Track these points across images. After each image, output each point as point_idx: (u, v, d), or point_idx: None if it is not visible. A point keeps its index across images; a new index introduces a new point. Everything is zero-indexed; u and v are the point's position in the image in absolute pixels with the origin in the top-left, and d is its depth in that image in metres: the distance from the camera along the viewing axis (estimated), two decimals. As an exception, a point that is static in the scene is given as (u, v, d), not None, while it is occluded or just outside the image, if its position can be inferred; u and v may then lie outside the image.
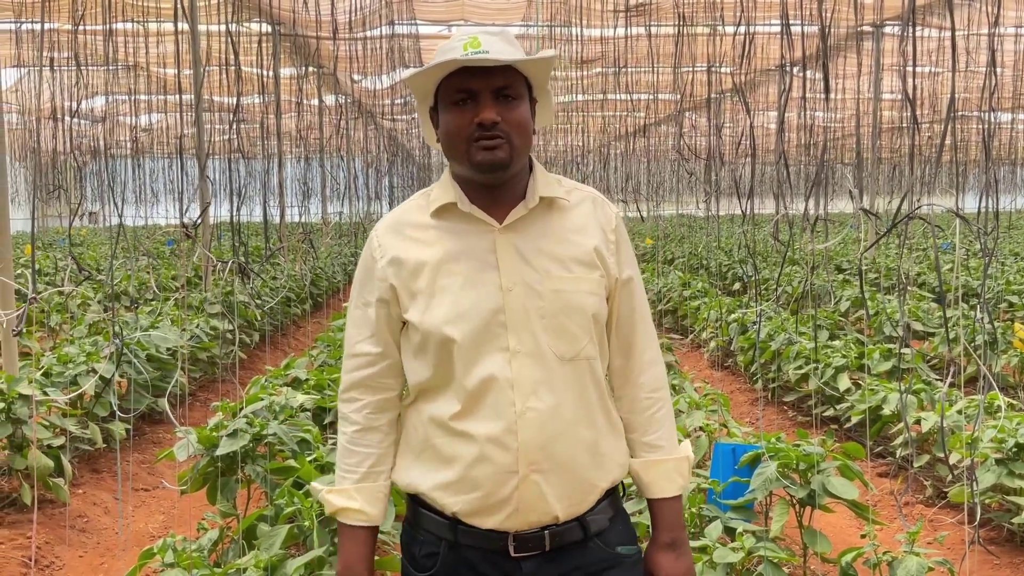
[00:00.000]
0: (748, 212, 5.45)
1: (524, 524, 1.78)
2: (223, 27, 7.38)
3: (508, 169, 1.79)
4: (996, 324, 7.14)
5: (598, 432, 1.83)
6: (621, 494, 1.94)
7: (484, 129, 1.75)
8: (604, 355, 1.87)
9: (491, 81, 1.76)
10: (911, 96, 3.07)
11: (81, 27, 6.78)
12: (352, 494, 1.88)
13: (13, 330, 3.86)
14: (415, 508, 1.87)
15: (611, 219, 1.89)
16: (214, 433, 3.67)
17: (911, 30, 3.07)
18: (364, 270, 1.89)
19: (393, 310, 1.85)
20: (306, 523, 2.97)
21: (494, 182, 1.82)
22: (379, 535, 3.07)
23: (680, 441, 1.97)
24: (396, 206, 2.00)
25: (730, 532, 3.13)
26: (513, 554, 1.78)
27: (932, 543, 3.13)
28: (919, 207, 3.30)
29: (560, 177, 1.93)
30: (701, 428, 4.34)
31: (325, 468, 3.42)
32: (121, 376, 5.70)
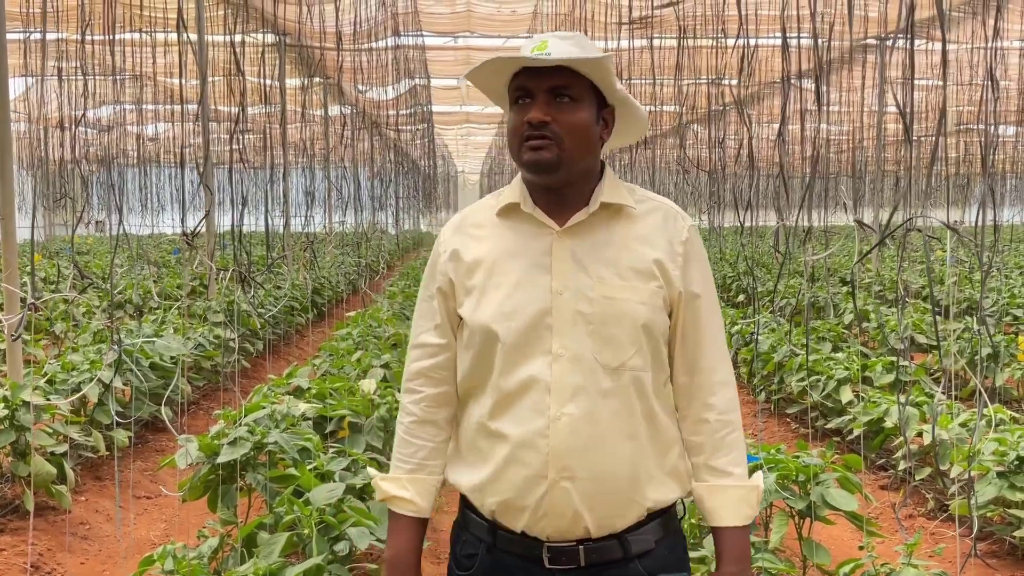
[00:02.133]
0: (752, 224, 5.48)
1: (555, 531, 1.76)
2: (229, 38, 7.42)
3: (557, 171, 1.78)
4: (1000, 337, 7.13)
5: (641, 447, 1.78)
6: (680, 516, 1.90)
7: (532, 128, 1.76)
8: (659, 369, 1.82)
9: (546, 81, 1.77)
10: (903, 109, 3.09)
11: (88, 37, 6.82)
12: (404, 484, 1.90)
13: (12, 335, 3.87)
14: (462, 508, 1.90)
15: (682, 232, 1.84)
16: (215, 441, 3.68)
17: (910, 43, 3.09)
18: (430, 264, 1.94)
19: (451, 304, 1.88)
20: (305, 531, 2.98)
21: (547, 183, 1.81)
22: (379, 544, 3.09)
23: (752, 472, 1.90)
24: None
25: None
26: (547, 565, 1.77)
27: (932, 556, 3.12)
28: (910, 219, 3.30)
29: (635, 187, 1.92)
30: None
31: (325, 476, 3.43)
32: (124, 384, 5.72)
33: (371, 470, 2.06)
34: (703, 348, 1.85)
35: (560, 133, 1.76)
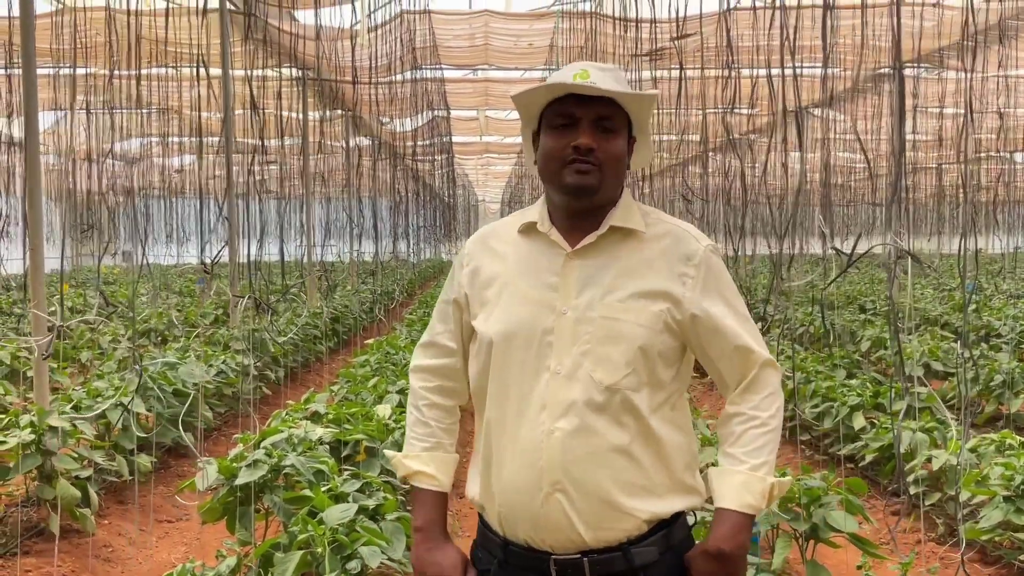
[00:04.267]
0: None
1: (555, 543, 1.82)
2: (253, 72, 7.62)
3: (595, 196, 1.87)
4: (1016, 364, 7.14)
5: (634, 462, 1.82)
6: (692, 524, 1.93)
7: (579, 153, 1.84)
8: (656, 388, 1.86)
9: (592, 110, 1.86)
10: (863, 146, 3.17)
11: (116, 72, 7.05)
12: (426, 460, 2.01)
13: (43, 354, 4.03)
14: (480, 527, 1.99)
15: (694, 253, 1.89)
16: (234, 464, 3.79)
17: (899, 80, 3.18)
18: (452, 271, 2.06)
19: (464, 316, 2.00)
20: (319, 550, 3.07)
21: (579, 207, 1.89)
22: (390, 563, 3.18)
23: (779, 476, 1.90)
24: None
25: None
26: None
27: (930, 573, 3.17)
28: (871, 247, 3.39)
29: (651, 210, 1.98)
30: (713, 464, 4.41)
31: (339, 498, 3.53)
32: (148, 410, 5.86)
33: (389, 451, 2.15)
34: (747, 359, 1.89)
35: (602, 161, 1.85)
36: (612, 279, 1.87)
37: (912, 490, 5.13)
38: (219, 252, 5.75)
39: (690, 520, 1.94)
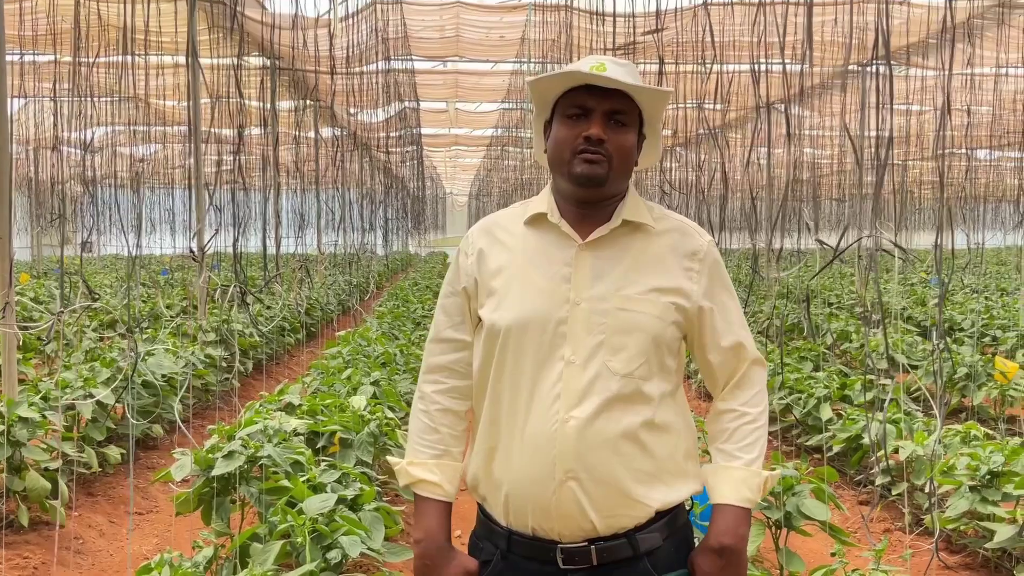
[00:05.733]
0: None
1: (564, 530, 1.84)
2: (221, 61, 7.56)
3: (603, 187, 1.89)
4: (978, 358, 7.28)
5: (645, 451, 1.85)
6: (688, 508, 1.97)
7: (590, 143, 1.86)
8: (665, 378, 1.90)
9: (606, 102, 1.88)
10: (853, 139, 3.23)
11: (83, 59, 6.95)
12: (432, 468, 1.98)
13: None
14: (480, 517, 1.99)
15: (699, 249, 1.94)
16: (210, 455, 3.78)
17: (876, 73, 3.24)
18: (455, 263, 2.04)
19: (473, 304, 1.98)
20: (299, 540, 3.07)
21: (588, 198, 1.91)
22: (370, 552, 3.19)
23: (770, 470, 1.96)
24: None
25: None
26: (562, 566, 1.84)
27: (900, 561, 3.24)
28: (859, 239, 3.45)
29: (654, 205, 2.02)
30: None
31: (317, 488, 3.53)
32: (117, 402, 5.81)
33: (391, 458, 2.12)
34: (739, 355, 1.95)
35: (612, 153, 1.87)
36: (625, 271, 1.90)
37: (879, 480, 5.22)
38: (209, 240, 5.70)
39: (687, 504, 1.99)
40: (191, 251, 5.71)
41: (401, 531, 3.91)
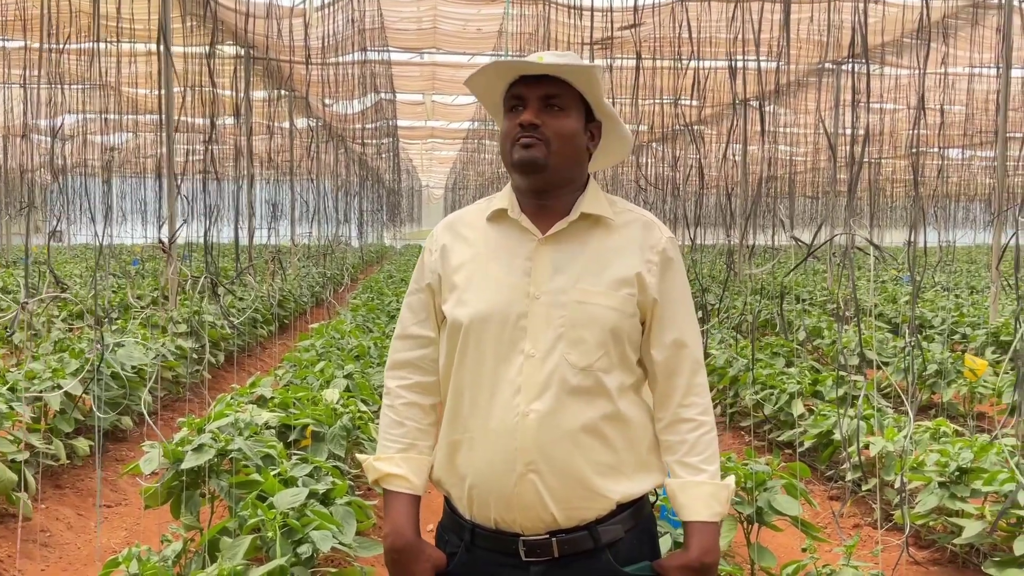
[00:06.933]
0: (702, 241, 5.64)
1: (526, 522, 1.84)
2: (196, 49, 7.48)
3: (544, 171, 1.89)
4: (948, 355, 7.35)
5: (607, 443, 1.86)
6: (653, 501, 1.99)
7: (524, 129, 1.88)
8: (626, 371, 1.90)
9: (539, 88, 1.90)
10: (830, 138, 3.24)
11: (54, 45, 6.85)
12: (398, 462, 1.97)
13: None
14: (446, 510, 1.99)
15: (659, 242, 1.94)
16: (179, 448, 3.73)
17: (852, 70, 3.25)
18: (421, 260, 2.04)
19: (437, 300, 1.99)
20: (269, 534, 3.04)
21: (534, 186, 1.92)
22: (341, 547, 3.17)
23: (725, 477, 1.97)
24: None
25: (679, 547, 3.25)
26: (523, 558, 1.85)
27: (871, 557, 3.26)
28: (833, 236, 3.47)
29: (617, 199, 2.02)
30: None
31: (288, 482, 3.50)
32: (85, 393, 5.73)
33: (361, 455, 2.11)
34: (680, 353, 1.94)
35: (549, 136, 1.88)
36: (584, 264, 1.90)
37: (850, 476, 5.26)
38: (178, 230, 5.63)
39: (651, 498, 1.99)
40: (160, 241, 5.63)
41: (374, 525, 3.89)
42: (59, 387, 5.34)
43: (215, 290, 5.47)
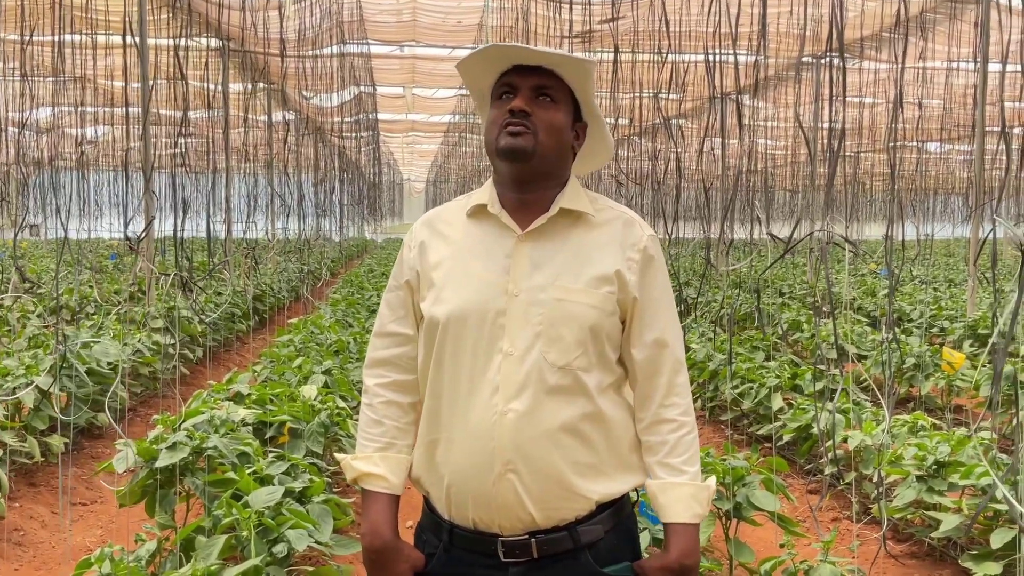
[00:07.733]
0: (680, 235, 5.64)
1: (505, 522, 1.82)
2: (172, 41, 7.38)
3: (529, 160, 1.86)
4: (926, 348, 7.39)
5: (586, 443, 1.84)
6: (633, 501, 1.97)
7: (514, 115, 1.85)
8: (605, 370, 1.88)
9: (532, 78, 1.88)
10: (806, 133, 3.24)
11: (29, 37, 6.75)
12: (376, 461, 1.94)
13: None
14: (424, 510, 1.96)
15: (640, 240, 1.91)
16: (154, 446, 3.69)
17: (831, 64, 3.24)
18: (399, 257, 2.01)
19: (415, 297, 1.96)
20: (244, 534, 3.01)
21: (519, 175, 1.89)
22: (317, 546, 3.14)
23: (706, 477, 1.95)
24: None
25: (658, 543, 3.24)
26: (502, 559, 1.83)
27: (849, 552, 3.27)
28: (811, 233, 3.47)
29: (598, 196, 1.99)
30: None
31: (264, 480, 3.46)
32: (61, 390, 5.67)
33: (339, 454, 2.08)
34: (660, 352, 1.91)
35: (538, 126, 1.85)
36: (563, 261, 1.88)
37: (828, 470, 5.28)
38: (146, 228, 5.56)
39: (633, 496, 1.97)
40: (127, 238, 5.56)
41: (352, 522, 3.86)
42: (33, 383, 5.26)
43: (185, 287, 5.40)
